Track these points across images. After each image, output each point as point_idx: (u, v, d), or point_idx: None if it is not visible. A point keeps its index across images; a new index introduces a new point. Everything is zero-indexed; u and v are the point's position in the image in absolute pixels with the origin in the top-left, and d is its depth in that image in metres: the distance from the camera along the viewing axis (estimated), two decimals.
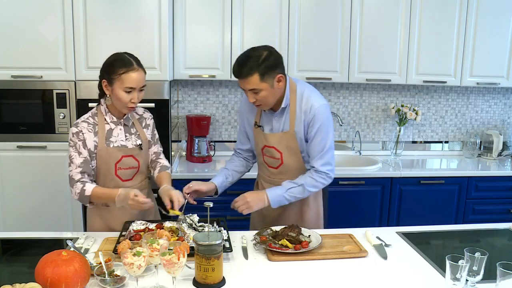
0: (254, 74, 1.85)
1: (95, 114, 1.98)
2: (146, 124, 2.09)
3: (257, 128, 2.12)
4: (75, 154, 1.90)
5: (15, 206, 2.91)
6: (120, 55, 1.93)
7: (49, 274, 1.34)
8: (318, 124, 1.97)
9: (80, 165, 1.89)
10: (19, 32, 2.74)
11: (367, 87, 3.66)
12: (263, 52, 1.88)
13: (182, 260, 1.39)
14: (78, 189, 1.87)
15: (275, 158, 2.09)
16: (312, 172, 2.02)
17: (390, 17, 3.22)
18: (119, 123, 1.99)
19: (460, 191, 3.23)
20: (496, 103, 3.84)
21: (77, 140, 1.90)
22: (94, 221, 2.03)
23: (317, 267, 1.64)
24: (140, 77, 1.89)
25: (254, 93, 1.91)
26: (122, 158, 1.97)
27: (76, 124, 1.93)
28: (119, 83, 1.86)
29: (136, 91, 1.89)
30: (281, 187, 2.01)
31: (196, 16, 3.05)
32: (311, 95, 2.01)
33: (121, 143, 1.98)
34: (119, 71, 1.86)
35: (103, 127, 1.95)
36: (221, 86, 3.51)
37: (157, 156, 2.13)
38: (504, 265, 1.34)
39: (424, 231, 2.06)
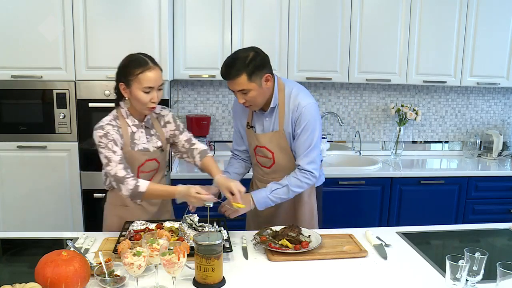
0: (241, 74, 1.87)
1: (116, 117, 1.93)
2: (165, 122, 2.06)
3: (250, 129, 2.14)
4: (110, 153, 1.83)
5: (15, 206, 2.91)
6: (134, 55, 1.90)
7: (49, 274, 1.34)
8: (305, 122, 1.98)
9: (120, 161, 1.83)
10: (19, 32, 2.74)
11: (367, 87, 3.66)
12: (250, 53, 1.89)
13: (182, 260, 1.39)
14: (131, 185, 1.80)
15: (267, 158, 2.11)
16: (296, 172, 2.02)
17: (390, 17, 3.22)
18: (140, 126, 1.97)
19: (460, 191, 3.23)
20: (496, 103, 3.84)
21: (107, 140, 1.84)
22: (112, 221, 2.02)
23: (317, 267, 1.64)
24: (157, 75, 1.87)
25: (243, 94, 1.92)
26: (146, 162, 1.96)
27: (101, 127, 1.87)
28: (136, 84, 1.83)
29: (155, 90, 1.86)
30: (266, 189, 2.01)
31: (196, 16, 3.05)
32: (298, 94, 2.02)
33: (144, 146, 1.97)
34: (135, 71, 1.83)
35: (126, 130, 1.93)
36: (221, 86, 3.51)
37: (189, 143, 2.07)
38: (504, 265, 1.34)
39: (424, 231, 2.06)
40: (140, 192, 1.81)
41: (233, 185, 1.84)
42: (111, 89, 2.83)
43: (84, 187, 2.93)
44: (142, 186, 1.81)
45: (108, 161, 1.83)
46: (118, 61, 2.78)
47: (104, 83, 2.84)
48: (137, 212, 2.01)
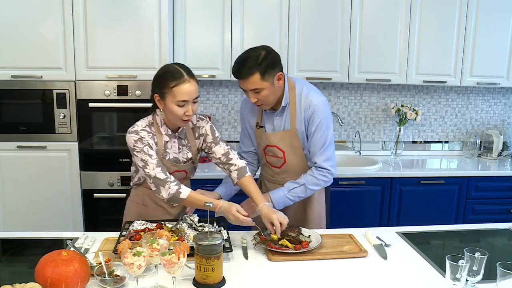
0: (254, 73, 1.86)
1: (151, 124, 1.91)
2: (200, 134, 2.00)
3: (259, 129, 2.12)
4: (147, 157, 1.81)
5: (15, 206, 2.91)
6: (169, 66, 1.85)
7: (49, 274, 1.34)
8: (318, 120, 1.98)
9: (157, 164, 1.81)
10: (19, 32, 2.74)
11: (367, 87, 3.66)
12: (262, 52, 1.88)
13: (182, 260, 1.39)
14: (172, 190, 1.79)
15: (278, 157, 2.10)
16: (313, 171, 2.03)
17: (390, 17, 3.22)
18: (173, 136, 1.94)
19: (460, 191, 3.23)
20: (496, 103, 3.84)
21: (142, 145, 1.82)
22: (131, 218, 2.01)
23: (317, 267, 1.64)
24: (192, 89, 1.80)
25: (255, 93, 1.91)
26: (175, 172, 1.95)
27: (136, 132, 1.85)
28: (171, 97, 1.78)
29: (190, 103, 1.80)
30: (283, 188, 2.02)
31: (196, 16, 3.05)
32: (310, 92, 2.02)
33: (174, 156, 1.95)
34: (170, 84, 1.77)
35: (161, 137, 1.90)
36: (221, 86, 3.51)
37: (226, 157, 1.98)
38: (504, 265, 1.34)
39: (424, 231, 2.06)
40: (180, 198, 1.81)
41: (275, 217, 1.79)
42: (111, 89, 2.84)
43: (84, 187, 2.93)
44: (184, 193, 1.80)
45: (145, 164, 1.81)
46: (118, 61, 2.82)
47: (104, 83, 2.84)
48: (157, 212, 2.02)
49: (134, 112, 2.88)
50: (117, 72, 2.83)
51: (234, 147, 3.58)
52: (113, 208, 2.95)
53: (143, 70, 2.84)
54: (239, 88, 3.47)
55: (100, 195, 2.93)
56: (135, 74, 2.83)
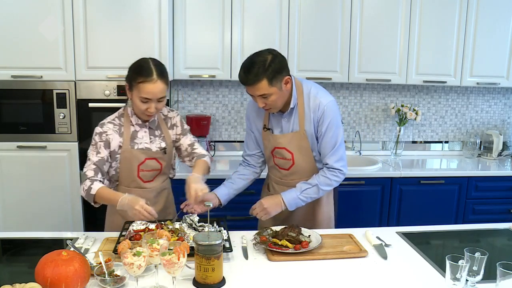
0: (262, 80, 1.84)
1: (121, 115, 1.98)
2: (172, 124, 2.07)
3: (267, 131, 2.10)
4: (93, 153, 1.90)
5: (15, 206, 2.91)
6: (144, 62, 1.89)
7: (49, 274, 1.34)
8: (328, 120, 1.97)
9: (95, 163, 1.88)
10: (19, 32, 2.74)
11: (367, 87, 3.66)
12: (268, 56, 1.86)
13: (182, 260, 1.39)
14: (86, 186, 1.85)
15: (286, 159, 2.08)
16: (325, 171, 2.02)
17: (390, 17, 3.22)
18: (144, 126, 1.98)
19: (460, 191, 3.23)
20: (496, 103, 3.84)
21: (98, 140, 1.90)
22: (113, 218, 2.03)
23: (317, 267, 1.64)
24: (157, 90, 1.84)
25: (263, 98, 1.89)
26: (145, 160, 1.97)
27: (101, 125, 1.93)
28: (136, 91, 1.85)
29: (153, 101, 1.86)
30: (296, 189, 2.01)
31: (196, 16, 3.05)
32: (318, 93, 2.01)
33: (145, 146, 1.98)
34: (138, 79, 1.84)
35: (128, 128, 1.95)
36: (221, 86, 3.51)
37: (191, 147, 2.07)
38: (504, 265, 1.34)
39: (424, 231, 2.06)
40: (91, 194, 1.84)
41: (193, 186, 1.82)
42: (111, 89, 2.84)
43: None
44: (94, 188, 1.84)
45: (87, 159, 1.91)
46: (118, 61, 2.82)
47: (104, 83, 2.84)
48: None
49: None
50: (117, 72, 2.83)
51: (234, 147, 3.59)
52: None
53: None
54: (239, 88, 3.50)
55: None
56: None
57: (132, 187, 1.99)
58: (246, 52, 3.09)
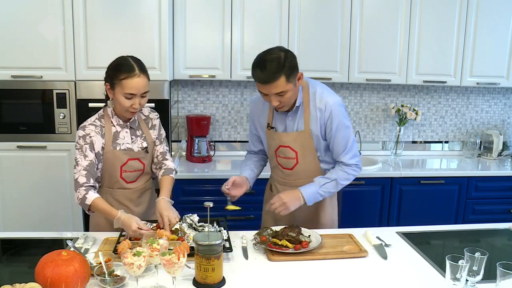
0: (280, 77, 1.81)
1: (101, 117, 1.97)
2: (152, 125, 2.08)
3: (270, 130, 2.08)
4: (80, 157, 1.88)
5: (15, 206, 2.91)
6: (123, 59, 1.91)
7: (49, 274, 1.34)
8: (336, 121, 1.97)
9: (85, 168, 1.86)
10: (19, 32, 2.74)
11: (367, 87, 3.66)
12: (281, 53, 1.84)
13: (182, 260, 1.39)
14: (80, 195, 1.83)
15: (290, 158, 2.06)
16: (342, 166, 2.03)
17: (390, 17, 3.22)
18: (125, 126, 1.98)
19: (460, 191, 3.23)
20: (496, 103, 3.84)
21: (83, 143, 1.89)
22: (98, 221, 2.02)
23: (317, 267, 1.64)
24: (141, 84, 1.86)
25: (279, 96, 1.86)
26: (128, 161, 1.97)
27: (83, 127, 1.92)
28: (119, 88, 1.85)
29: (137, 97, 1.87)
30: (314, 184, 1.99)
31: (196, 16, 3.05)
32: (323, 92, 2.00)
33: (127, 146, 1.97)
34: (120, 76, 1.84)
35: (109, 129, 1.94)
36: (221, 86, 3.51)
37: (163, 157, 2.09)
38: (504, 265, 1.34)
39: (424, 231, 2.06)
40: (86, 204, 1.83)
41: (165, 214, 1.79)
42: None
43: None
44: (89, 199, 1.83)
45: (76, 164, 1.88)
46: None
47: None
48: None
49: None
50: None
51: (235, 147, 3.59)
52: None
53: None
54: (239, 87, 3.50)
55: None
56: None
57: (115, 188, 1.98)
58: (246, 52, 3.10)
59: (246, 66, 3.13)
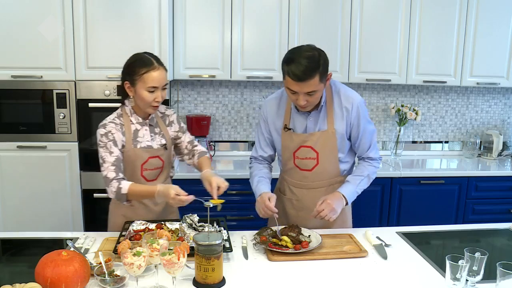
0: (315, 76, 1.78)
1: (120, 115, 1.96)
2: (169, 122, 2.08)
3: (287, 131, 2.03)
4: (106, 154, 1.87)
5: (15, 206, 2.91)
6: (139, 55, 1.92)
7: (49, 274, 1.34)
8: (363, 119, 1.99)
9: (113, 163, 1.86)
10: (19, 32, 2.74)
11: (367, 87, 3.66)
12: (315, 52, 1.83)
13: (182, 260, 1.39)
14: (114, 187, 1.83)
15: (310, 159, 2.01)
16: (368, 161, 2.07)
17: (390, 17, 3.22)
18: (144, 124, 1.98)
19: (460, 191, 3.23)
20: (496, 103, 3.84)
21: (106, 140, 1.88)
22: (116, 220, 2.02)
23: (317, 267, 1.64)
24: (162, 76, 1.88)
25: (309, 95, 1.83)
26: (149, 159, 1.97)
27: (103, 125, 1.91)
28: (141, 83, 1.86)
29: (159, 89, 1.89)
30: (351, 183, 1.99)
31: (196, 16, 3.05)
32: (347, 91, 2.00)
33: (147, 144, 1.98)
34: (140, 71, 1.85)
35: (129, 128, 1.95)
36: (221, 86, 3.51)
37: (191, 144, 2.11)
38: (504, 265, 1.34)
39: (424, 231, 2.06)
40: (123, 194, 1.83)
41: (214, 179, 1.82)
42: (111, 89, 2.84)
43: (84, 187, 2.93)
44: (124, 187, 1.83)
45: (102, 162, 1.87)
46: (118, 61, 2.79)
47: (104, 83, 2.84)
48: (142, 211, 2.02)
49: None
50: (117, 72, 2.77)
51: (234, 147, 3.59)
52: None
53: None
54: (239, 87, 3.50)
55: (100, 195, 2.93)
56: None
57: None
58: (246, 52, 3.10)
59: (246, 66, 3.13)
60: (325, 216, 1.87)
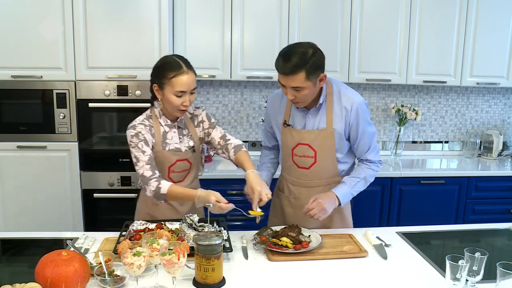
0: (300, 71, 1.79)
1: (149, 117, 1.95)
2: (198, 122, 2.05)
3: (287, 127, 2.05)
4: (139, 153, 1.85)
5: (15, 206, 2.91)
6: (168, 58, 1.90)
7: (49, 274, 1.34)
8: (363, 120, 1.98)
9: (147, 162, 1.84)
10: (19, 32, 2.74)
11: (367, 87, 3.66)
12: (309, 49, 1.83)
13: (182, 260, 1.39)
14: (153, 186, 1.81)
15: (308, 157, 2.02)
16: (367, 164, 2.05)
17: (390, 17, 3.22)
18: (173, 126, 1.97)
19: (460, 191, 3.23)
20: (496, 103, 3.84)
21: (137, 140, 1.86)
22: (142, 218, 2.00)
23: (317, 267, 1.64)
24: (190, 80, 1.85)
25: (296, 91, 1.85)
26: (177, 162, 1.96)
27: (133, 126, 1.89)
28: (169, 87, 1.84)
29: (187, 94, 1.85)
30: (346, 184, 1.99)
31: (196, 16, 3.05)
32: (347, 91, 2.00)
33: (175, 146, 1.96)
34: (168, 75, 1.83)
35: (158, 129, 1.93)
36: (221, 86, 3.51)
37: (224, 139, 2.04)
38: (504, 265, 1.34)
39: (424, 231, 2.06)
40: (162, 194, 1.82)
41: (257, 190, 1.76)
42: (111, 89, 2.85)
43: (84, 187, 2.93)
44: (164, 188, 1.81)
45: (136, 161, 1.86)
46: (118, 61, 2.83)
47: (104, 83, 2.84)
48: (168, 211, 2.02)
49: (134, 112, 2.86)
50: (117, 72, 2.83)
51: None
52: (113, 208, 2.95)
53: (143, 70, 2.83)
54: (239, 88, 3.50)
55: (100, 195, 2.94)
56: (135, 74, 2.84)
57: None
58: (246, 52, 3.10)
59: (246, 66, 3.13)
60: (314, 215, 1.89)
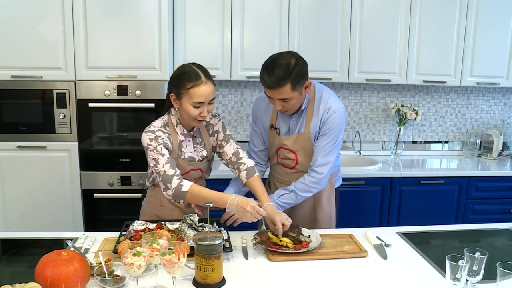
0: (285, 84, 1.82)
1: (166, 124, 1.92)
2: (213, 131, 2.02)
3: (273, 130, 2.10)
4: (157, 155, 1.82)
5: (15, 206, 2.91)
6: (187, 67, 1.84)
7: (49, 274, 1.34)
8: (332, 126, 1.98)
9: (167, 161, 1.81)
10: (19, 32, 2.74)
11: (367, 87, 3.66)
12: (291, 60, 1.84)
13: (182, 260, 1.39)
14: (174, 184, 1.78)
15: (290, 159, 2.10)
16: (304, 177, 2.02)
17: (390, 17, 3.22)
18: (189, 135, 1.95)
19: (460, 191, 3.23)
20: (496, 103, 3.84)
21: (156, 144, 1.83)
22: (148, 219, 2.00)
23: (317, 267, 1.64)
24: (209, 91, 1.80)
25: (283, 102, 1.88)
26: (190, 171, 1.96)
27: (152, 131, 1.85)
28: (187, 97, 1.79)
29: (205, 104, 1.81)
30: (274, 195, 2.02)
31: (196, 16, 3.05)
32: (330, 97, 2.01)
33: (189, 155, 1.95)
34: (187, 85, 1.78)
35: (176, 138, 1.92)
36: (221, 86, 3.51)
37: (236, 156, 2.00)
38: (504, 265, 1.34)
39: (424, 231, 2.06)
40: (183, 192, 1.79)
41: (278, 219, 1.79)
42: (111, 89, 2.85)
43: (84, 187, 2.93)
44: (185, 186, 1.79)
45: (156, 163, 1.82)
46: (118, 61, 2.83)
47: (104, 83, 2.84)
48: (174, 213, 2.01)
49: (134, 112, 2.88)
50: (117, 72, 2.83)
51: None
52: (113, 208, 2.95)
53: (143, 70, 2.84)
54: (239, 88, 3.50)
55: (100, 195, 2.93)
56: (135, 74, 2.84)
57: None
58: (246, 52, 3.10)
59: (246, 66, 3.13)
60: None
